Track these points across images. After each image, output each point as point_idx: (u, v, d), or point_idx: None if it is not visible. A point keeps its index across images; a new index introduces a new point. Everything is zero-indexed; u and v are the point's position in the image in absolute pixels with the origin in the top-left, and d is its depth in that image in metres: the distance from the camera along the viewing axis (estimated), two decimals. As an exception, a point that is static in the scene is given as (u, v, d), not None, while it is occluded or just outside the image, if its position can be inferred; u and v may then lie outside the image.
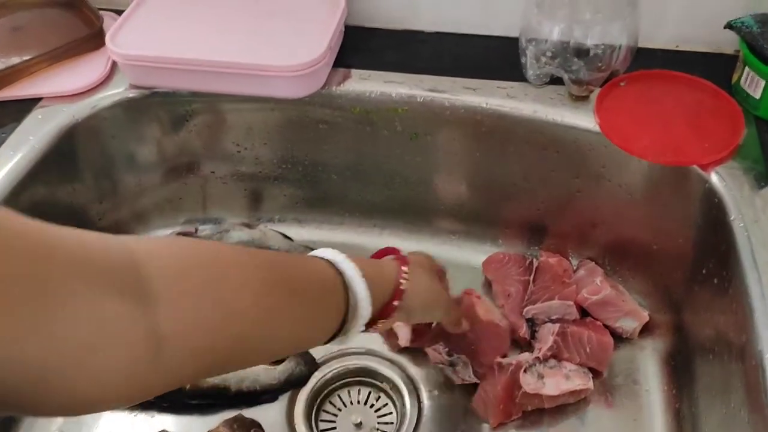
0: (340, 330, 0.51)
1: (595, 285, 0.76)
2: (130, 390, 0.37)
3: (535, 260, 0.82)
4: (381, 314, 0.55)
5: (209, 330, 0.40)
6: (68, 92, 0.76)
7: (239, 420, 0.68)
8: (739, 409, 0.56)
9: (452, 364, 0.73)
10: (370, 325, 0.55)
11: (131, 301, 0.36)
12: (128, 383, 0.37)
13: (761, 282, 0.57)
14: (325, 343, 0.52)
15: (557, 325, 0.74)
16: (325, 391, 0.76)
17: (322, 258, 0.52)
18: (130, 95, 0.77)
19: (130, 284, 0.37)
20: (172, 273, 0.40)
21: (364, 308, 0.52)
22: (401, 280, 0.56)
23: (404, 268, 0.56)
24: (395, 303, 0.55)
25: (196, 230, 0.85)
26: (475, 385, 0.72)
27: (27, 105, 0.76)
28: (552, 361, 0.72)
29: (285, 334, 0.47)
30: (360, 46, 0.82)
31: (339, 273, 0.51)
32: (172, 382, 0.40)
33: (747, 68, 0.70)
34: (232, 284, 0.42)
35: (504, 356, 0.73)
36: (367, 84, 0.77)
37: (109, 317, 0.35)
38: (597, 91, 0.73)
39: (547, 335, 0.74)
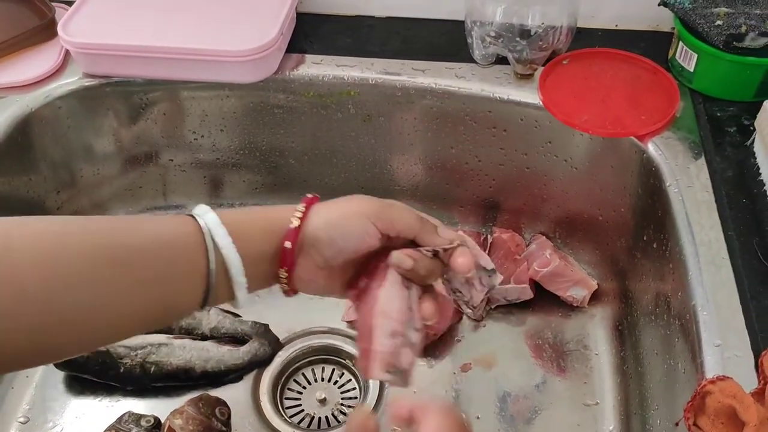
0: (208, 293, 0.45)
1: (545, 258, 0.80)
2: None
3: (489, 236, 0.85)
4: (282, 264, 0.47)
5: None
6: (21, 82, 0.76)
7: (204, 398, 0.70)
8: (678, 362, 0.59)
9: None
10: (288, 287, 0.48)
11: None
12: None
13: (695, 242, 0.60)
14: (200, 308, 0.46)
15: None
16: (290, 370, 0.77)
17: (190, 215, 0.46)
18: (85, 84, 0.78)
19: None
20: None
21: (234, 264, 0.44)
22: (291, 218, 0.47)
23: (299, 206, 0.48)
24: (286, 244, 0.46)
25: (156, 218, 0.86)
26: (428, 355, 0.75)
27: (-21, 96, 0.76)
28: None
29: (119, 305, 0.42)
30: (312, 31, 0.83)
31: (202, 231, 0.44)
32: None
33: (681, 43, 0.73)
34: (18, 258, 0.39)
35: (449, 326, 0.77)
36: (320, 68, 0.79)
37: None
38: (540, 69, 0.76)
39: None
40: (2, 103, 0.76)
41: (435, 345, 0.77)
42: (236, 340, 0.77)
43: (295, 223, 0.47)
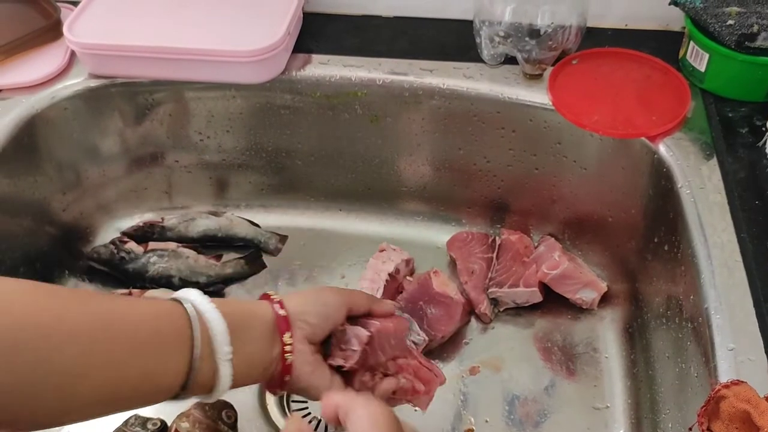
0: (186, 384, 0.46)
1: (554, 260, 0.79)
2: None
3: (497, 238, 0.84)
4: (281, 329, 0.51)
5: None
6: (27, 83, 0.76)
7: (211, 402, 0.69)
8: (690, 366, 0.58)
9: None
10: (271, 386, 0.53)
11: None
12: None
13: (707, 244, 0.59)
14: (173, 398, 0.47)
15: (365, 334, 0.57)
16: (296, 373, 0.77)
17: (178, 300, 0.47)
18: (90, 85, 0.77)
19: None
20: None
21: (224, 363, 0.47)
22: (272, 295, 0.53)
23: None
24: (281, 312, 0.52)
25: (162, 219, 0.85)
26: (436, 358, 0.75)
27: (-15, 97, 0.76)
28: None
29: (105, 375, 0.42)
30: (319, 31, 0.83)
31: (190, 319, 0.46)
32: None
33: (692, 43, 0.72)
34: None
35: (457, 329, 0.77)
36: (327, 68, 0.78)
37: None
38: (550, 69, 0.75)
39: (356, 344, 0.58)
40: (8, 104, 0.75)
41: (443, 348, 0.77)
42: (242, 342, 0.77)
43: (277, 297, 0.53)
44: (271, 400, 0.74)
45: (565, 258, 0.79)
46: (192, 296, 0.48)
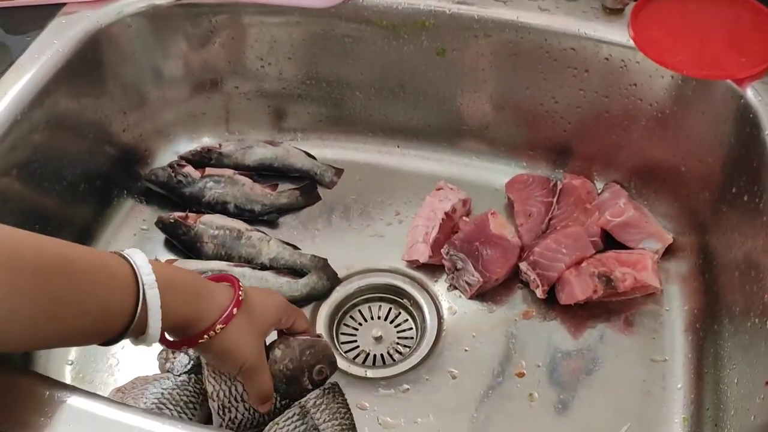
0: (124, 333, 0.48)
1: (618, 207, 0.76)
2: None
3: (559, 183, 0.81)
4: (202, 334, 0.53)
5: None
6: (92, -2, 0.75)
7: (316, 345, 0.67)
8: (765, 320, 0.56)
9: (457, 269, 0.74)
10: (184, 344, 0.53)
11: None
12: None
13: (794, 194, 0.56)
14: (105, 343, 0.49)
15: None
16: (347, 305, 0.77)
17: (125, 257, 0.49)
18: (155, 2, 0.76)
19: None
20: None
21: (153, 319, 0.48)
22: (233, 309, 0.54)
23: (240, 293, 0.55)
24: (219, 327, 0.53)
25: (220, 145, 0.85)
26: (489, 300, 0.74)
27: (50, 10, 0.75)
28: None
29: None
30: (388, -43, 0.80)
31: (136, 277, 0.48)
32: None
33: (790, -18, 0.67)
34: None
35: (513, 270, 0.75)
36: (395, -5, 0.76)
37: None
38: (632, 4, 0.71)
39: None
40: (72, 18, 0.74)
41: (496, 290, 0.75)
42: (295, 272, 0.77)
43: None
44: (320, 330, 0.73)
45: (631, 206, 0.76)
46: (142, 268, 0.49)
